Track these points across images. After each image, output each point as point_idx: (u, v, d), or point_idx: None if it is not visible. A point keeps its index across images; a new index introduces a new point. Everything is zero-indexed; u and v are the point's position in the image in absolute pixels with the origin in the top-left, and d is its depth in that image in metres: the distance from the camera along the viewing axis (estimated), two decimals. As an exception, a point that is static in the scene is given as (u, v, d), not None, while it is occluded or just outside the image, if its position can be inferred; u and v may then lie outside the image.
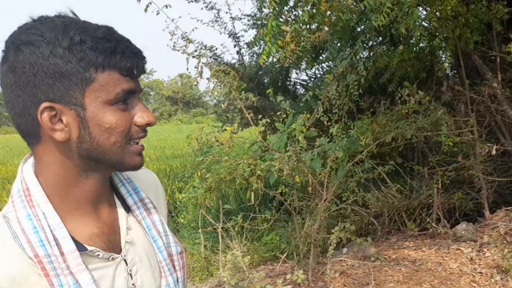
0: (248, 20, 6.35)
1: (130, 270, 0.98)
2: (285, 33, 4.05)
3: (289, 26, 4.11)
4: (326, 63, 6.08)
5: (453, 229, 4.86)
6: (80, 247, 0.89)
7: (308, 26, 4.42)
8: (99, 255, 0.92)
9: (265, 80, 6.48)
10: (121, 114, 0.87)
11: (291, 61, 4.51)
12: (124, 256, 0.98)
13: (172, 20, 3.89)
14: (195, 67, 4.16)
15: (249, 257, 3.96)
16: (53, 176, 0.91)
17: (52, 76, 0.83)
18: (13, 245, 0.84)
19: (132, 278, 0.98)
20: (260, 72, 6.42)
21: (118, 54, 0.85)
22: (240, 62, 6.46)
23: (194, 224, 6.10)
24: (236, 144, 4.67)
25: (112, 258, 0.95)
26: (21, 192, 0.90)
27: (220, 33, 6.04)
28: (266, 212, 5.23)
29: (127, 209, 1.03)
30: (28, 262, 0.84)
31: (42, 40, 0.82)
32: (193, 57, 4.02)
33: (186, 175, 5.30)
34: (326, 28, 4.59)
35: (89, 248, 0.91)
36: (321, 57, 5.99)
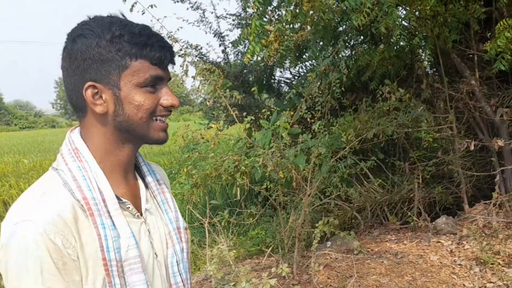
0: (233, 20, 6.36)
1: (149, 231, 1.15)
2: (269, 32, 4.07)
3: (273, 25, 4.12)
4: (309, 62, 6.10)
5: (433, 223, 4.92)
6: (117, 198, 1.07)
7: (291, 26, 4.44)
8: (129, 208, 1.10)
9: (250, 79, 6.48)
10: (148, 95, 1.05)
11: (275, 59, 4.53)
12: (145, 219, 1.14)
13: (158, 20, 3.90)
14: (181, 66, 4.18)
15: (234, 251, 3.98)
16: (96, 143, 1.09)
17: (96, 62, 1.02)
18: (63, 190, 1.01)
19: (151, 238, 1.15)
20: (245, 71, 6.42)
21: (148, 46, 1.02)
22: (226, 61, 6.46)
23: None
24: (222, 141, 4.69)
25: (138, 216, 1.12)
26: (71, 150, 1.08)
27: (206, 33, 6.07)
28: (252, 207, 5.24)
29: (145, 185, 1.20)
30: (77, 204, 1.00)
31: (92, 34, 1.01)
32: (179, 56, 4.02)
33: (173, 172, 5.30)
34: (309, 28, 4.62)
35: (123, 200, 1.09)
36: (304, 56, 6.02)
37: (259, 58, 5.59)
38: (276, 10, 4.73)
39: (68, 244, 0.97)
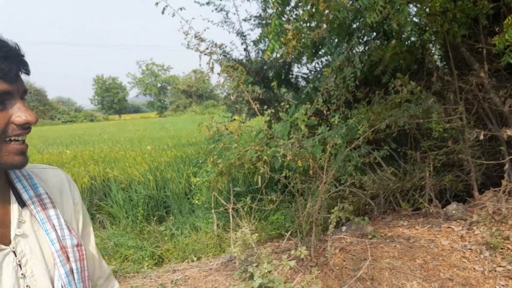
0: (254, 20, 6.30)
1: (19, 261, 0.94)
2: (287, 31, 3.99)
3: (291, 24, 4.05)
4: (325, 58, 6.00)
5: (444, 209, 4.81)
6: None
7: (308, 24, 4.35)
8: None
9: (270, 74, 6.42)
10: None
11: (293, 56, 4.46)
12: (13, 248, 0.94)
13: (186, 21, 3.87)
14: (207, 63, 4.16)
15: (256, 234, 3.95)
16: None
17: None
18: None
19: (21, 269, 0.94)
20: (265, 67, 6.36)
21: None
22: (247, 58, 6.41)
23: (207, 205, 6.11)
24: (244, 133, 4.65)
25: None
26: None
27: (229, 33, 6.02)
28: (272, 194, 5.20)
29: (22, 203, 0.99)
30: None
31: None
32: (205, 54, 3.99)
33: (200, 161, 5.29)
34: (325, 26, 4.52)
35: None
36: (320, 52, 5.92)
37: (278, 55, 5.52)
38: (294, 10, 4.64)
39: None
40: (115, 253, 5.01)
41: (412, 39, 5.02)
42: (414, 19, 4.78)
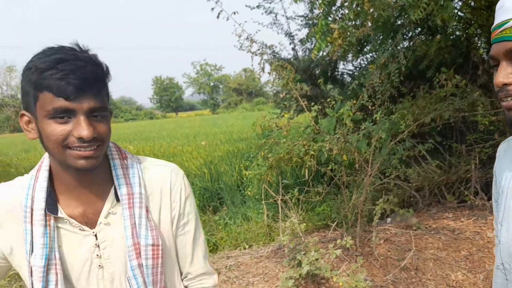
0: (301, 21, 6.28)
1: (97, 244, 1.08)
2: (333, 30, 3.98)
3: (337, 24, 4.03)
4: (370, 54, 5.90)
5: (490, 201, 4.63)
6: (55, 212, 1.05)
7: (353, 23, 4.31)
8: (67, 222, 1.06)
9: (316, 72, 6.40)
10: (57, 126, 0.96)
11: (338, 54, 4.43)
12: (94, 232, 1.08)
13: (239, 25, 3.97)
14: (258, 64, 4.24)
15: (304, 224, 3.97)
16: (52, 164, 1.08)
17: (23, 93, 0.99)
18: (16, 189, 1.07)
19: (99, 250, 1.08)
20: (311, 65, 6.34)
21: (48, 79, 0.92)
22: (295, 57, 6.41)
23: (258, 197, 6.20)
24: (293, 128, 4.68)
25: (81, 229, 1.07)
26: (38, 165, 1.09)
27: (278, 34, 6.06)
28: (319, 186, 5.20)
29: (118, 199, 1.10)
30: (18, 203, 1.05)
31: (25, 67, 0.98)
32: (256, 55, 4.08)
33: (252, 155, 5.37)
34: (369, 24, 4.46)
35: (61, 215, 1.05)
36: (365, 49, 5.83)
37: (324, 53, 5.49)
38: (340, 9, 4.60)
39: (9, 235, 1.05)
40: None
41: (457, 33, 4.85)
42: (459, 13, 4.62)
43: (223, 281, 3.95)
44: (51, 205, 1.04)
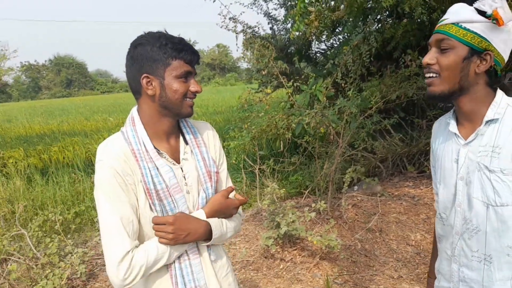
0: (279, 1, 6.27)
1: (184, 175, 1.37)
2: (311, 13, 4.04)
3: (314, 7, 4.08)
4: (341, 35, 5.99)
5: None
6: (157, 150, 1.33)
7: (327, 6, 4.37)
8: (166, 157, 1.34)
9: (291, 50, 6.45)
10: (182, 84, 1.29)
11: (314, 34, 4.49)
12: (181, 166, 1.37)
13: (225, 6, 3.99)
14: (243, 44, 4.30)
15: (284, 189, 4.11)
16: (145, 115, 1.34)
17: (149, 61, 1.27)
18: (122, 142, 1.31)
19: (185, 180, 1.37)
20: (287, 44, 6.38)
21: (184, 51, 1.28)
22: (273, 36, 6.43)
23: (235, 166, 6.31)
24: (273, 103, 4.76)
25: (174, 164, 1.35)
26: (130, 119, 1.35)
27: (257, 13, 6.09)
28: (294, 157, 5.35)
29: (186, 142, 1.41)
30: (130, 151, 1.29)
31: (147, 43, 1.27)
32: (237, 33, 4.11)
33: (231, 128, 5.43)
34: (342, 7, 4.53)
35: (162, 151, 1.34)
36: (337, 30, 5.91)
37: (299, 33, 5.53)
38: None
39: (125, 173, 1.26)
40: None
41: (423, 18, 4.98)
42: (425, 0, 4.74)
43: (208, 242, 4.08)
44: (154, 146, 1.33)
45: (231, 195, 1.48)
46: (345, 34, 5.62)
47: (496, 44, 1.18)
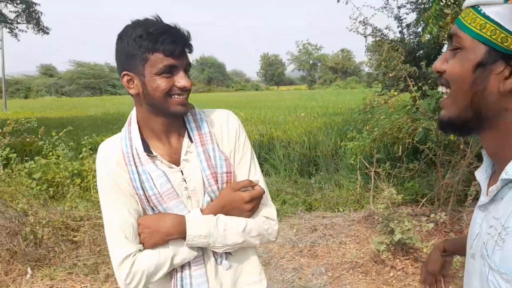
0: (411, 5, 5.76)
1: (183, 179, 1.14)
2: (446, 15, 3.58)
3: (450, 9, 3.61)
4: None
5: None
6: (150, 152, 1.12)
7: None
8: (160, 160, 1.13)
9: (420, 54, 5.88)
10: (164, 80, 1.04)
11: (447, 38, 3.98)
12: (180, 168, 1.14)
13: (357, 8, 3.77)
14: (371, 45, 4.02)
15: (402, 195, 3.74)
16: (139, 115, 1.15)
17: (128, 57, 1.05)
18: (118, 143, 1.15)
19: (186, 183, 1.14)
20: (416, 47, 5.84)
21: (159, 42, 1.01)
22: (401, 40, 5.95)
23: (350, 167, 6.01)
24: (398, 106, 4.39)
25: (170, 167, 1.14)
26: (128, 119, 1.18)
27: (388, 17, 5.65)
28: (415, 162, 4.87)
29: (192, 140, 1.16)
30: (121, 154, 1.12)
31: (125, 35, 1.05)
32: (365, 37, 3.84)
33: (351, 128, 5.17)
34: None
35: (154, 153, 1.13)
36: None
37: (430, 37, 4.99)
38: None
39: (119, 176, 1.11)
40: (276, 196, 5.28)
41: None
42: None
43: (319, 237, 3.94)
44: (146, 148, 1.13)
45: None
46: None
47: None
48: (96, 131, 9.50)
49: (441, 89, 0.79)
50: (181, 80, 1.06)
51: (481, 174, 0.81)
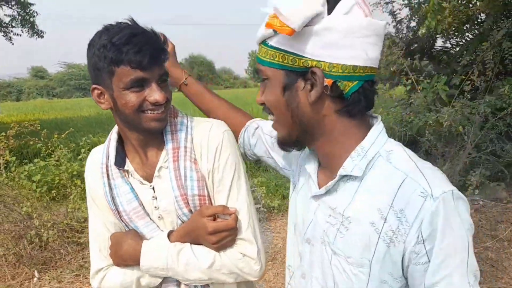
0: (403, 1, 5.71)
1: (154, 197, 1.01)
2: (444, 9, 3.53)
3: (448, 3, 3.56)
4: (472, 32, 5.20)
5: None
6: (122, 166, 1.03)
7: (464, 1, 3.78)
8: (131, 175, 1.03)
9: (414, 48, 5.84)
10: (134, 95, 0.91)
11: (446, 31, 3.94)
12: (151, 186, 1.02)
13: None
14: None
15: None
16: (119, 128, 1.04)
17: (95, 69, 0.92)
18: (101, 154, 1.06)
19: (157, 202, 1.01)
20: (410, 42, 5.80)
21: (124, 53, 0.86)
22: (396, 35, 5.91)
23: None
24: (390, 100, 4.36)
25: (141, 183, 1.02)
26: (112, 131, 1.07)
27: (382, 12, 5.59)
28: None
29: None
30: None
31: (92, 44, 0.91)
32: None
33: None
34: (478, 3, 3.88)
35: (127, 168, 1.03)
36: (465, 28, 5.14)
37: (423, 31, 4.94)
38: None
39: (97, 186, 1.05)
40: (275, 191, 5.21)
41: None
42: None
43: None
44: (120, 161, 1.03)
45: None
46: (475, 30, 4.85)
47: (318, 54, 0.70)
48: (91, 132, 9.29)
49: (270, 117, 0.86)
50: (153, 94, 0.91)
51: (310, 166, 0.86)
